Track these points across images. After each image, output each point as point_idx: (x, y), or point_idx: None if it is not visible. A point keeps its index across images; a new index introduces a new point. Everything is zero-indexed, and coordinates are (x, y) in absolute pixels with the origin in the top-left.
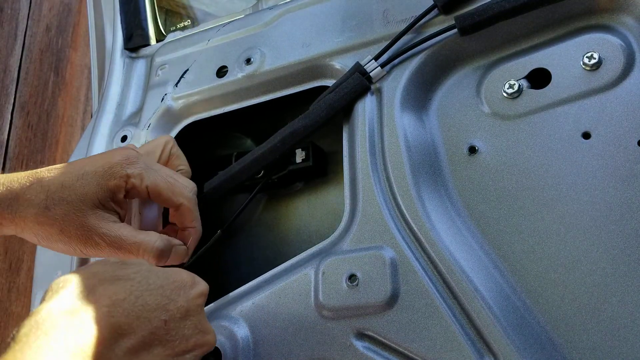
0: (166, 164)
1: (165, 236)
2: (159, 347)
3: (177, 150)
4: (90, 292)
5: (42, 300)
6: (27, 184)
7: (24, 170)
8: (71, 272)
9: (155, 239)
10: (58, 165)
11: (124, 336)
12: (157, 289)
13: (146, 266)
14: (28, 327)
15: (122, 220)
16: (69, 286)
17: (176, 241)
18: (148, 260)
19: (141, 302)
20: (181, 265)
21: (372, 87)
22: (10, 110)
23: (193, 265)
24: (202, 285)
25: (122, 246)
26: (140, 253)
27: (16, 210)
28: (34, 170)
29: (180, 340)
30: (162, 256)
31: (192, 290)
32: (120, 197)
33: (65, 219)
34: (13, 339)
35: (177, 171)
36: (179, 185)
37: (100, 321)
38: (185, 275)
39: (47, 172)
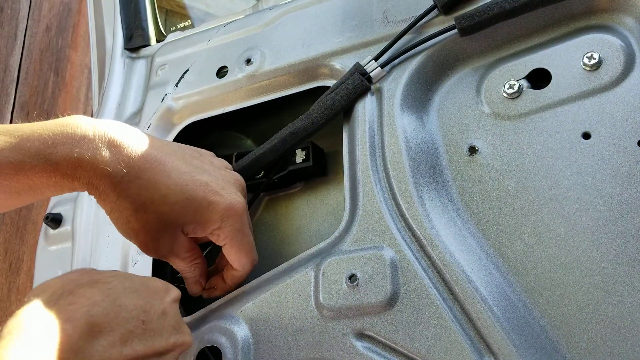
0: None
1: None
2: (139, 344)
3: None
4: (69, 295)
5: (24, 304)
6: (130, 178)
7: None
8: (50, 279)
9: (198, 274)
10: (168, 160)
11: (101, 334)
12: (133, 292)
13: (121, 273)
14: (10, 327)
15: (187, 234)
16: (49, 290)
17: (214, 285)
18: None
19: (119, 303)
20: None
21: (372, 87)
22: (10, 110)
23: None
24: (175, 292)
25: (163, 258)
26: (185, 279)
27: (107, 195)
28: (134, 152)
29: (159, 339)
30: (193, 289)
31: (167, 296)
32: (201, 234)
33: (147, 226)
34: None
35: None
36: (246, 257)
37: (79, 320)
38: (159, 282)
39: (153, 166)
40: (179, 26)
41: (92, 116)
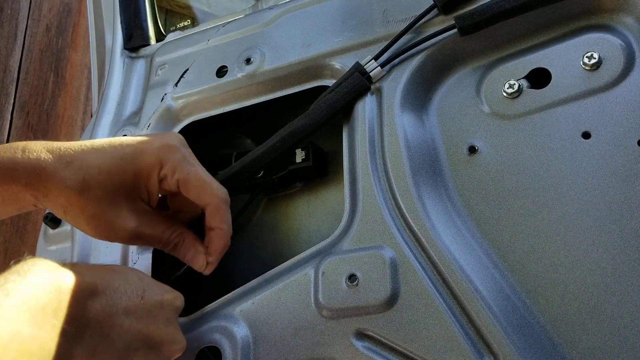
0: None
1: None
2: (133, 317)
3: None
4: (73, 265)
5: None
6: (62, 165)
7: None
8: None
9: (190, 243)
10: (96, 142)
11: (98, 294)
12: (136, 275)
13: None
14: (17, 268)
15: (148, 202)
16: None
17: (209, 246)
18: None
19: (123, 275)
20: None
21: (372, 87)
22: (10, 110)
23: None
24: (179, 298)
25: (140, 238)
26: (155, 243)
27: (49, 190)
28: (65, 146)
29: (153, 323)
30: (199, 261)
31: (168, 294)
32: (152, 187)
33: (100, 207)
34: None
35: None
36: (211, 183)
37: (79, 278)
38: (166, 286)
39: (83, 149)
40: (178, 26)
41: (91, 116)
